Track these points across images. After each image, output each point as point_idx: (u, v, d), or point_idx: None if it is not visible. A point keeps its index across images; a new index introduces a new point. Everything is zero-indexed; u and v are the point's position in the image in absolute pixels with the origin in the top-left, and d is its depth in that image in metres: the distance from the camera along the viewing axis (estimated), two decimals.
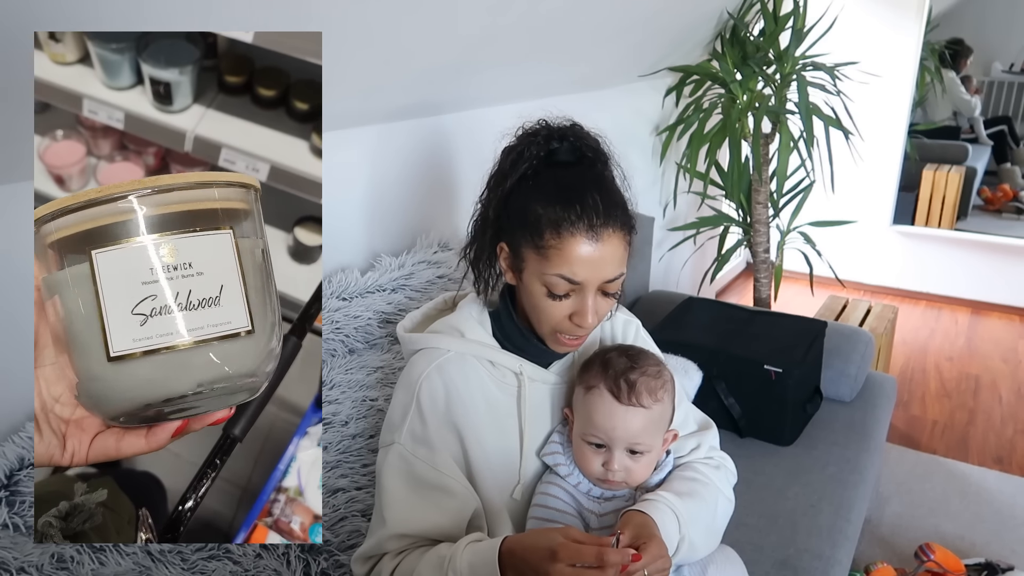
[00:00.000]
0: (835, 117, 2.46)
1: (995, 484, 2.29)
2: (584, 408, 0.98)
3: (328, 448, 1.20)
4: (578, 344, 0.98)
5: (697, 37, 2.49)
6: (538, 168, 0.95)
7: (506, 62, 1.68)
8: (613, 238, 0.91)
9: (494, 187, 0.98)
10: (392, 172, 1.62)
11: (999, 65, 3.46)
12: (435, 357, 0.99)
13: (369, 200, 1.58)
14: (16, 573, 0.84)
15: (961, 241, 3.61)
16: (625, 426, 0.95)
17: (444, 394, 0.98)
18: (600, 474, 0.97)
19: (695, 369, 1.77)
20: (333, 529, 1.13)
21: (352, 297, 1.36)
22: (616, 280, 0.93)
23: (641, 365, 0.98)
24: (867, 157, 3.29)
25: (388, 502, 0.96)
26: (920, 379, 2.99)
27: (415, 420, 0.97)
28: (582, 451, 0.98)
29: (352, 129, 1.50)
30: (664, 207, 2.93)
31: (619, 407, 0.95)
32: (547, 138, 0.96)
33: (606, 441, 0.96)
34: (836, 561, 1.41)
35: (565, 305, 0.93)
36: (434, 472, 0.96)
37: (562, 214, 0.89)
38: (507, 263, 0.98)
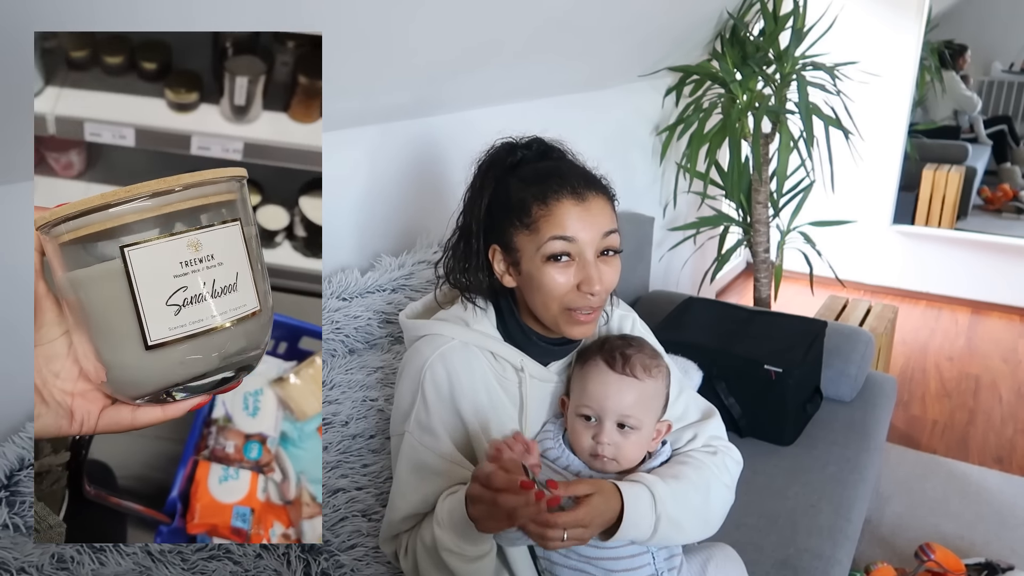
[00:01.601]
0: (835, 117, 2.46)
1: (995, 484, 2.29)
2: (579, 381, 1.01)
3: (328, 448, 1.20)
4: (591, 320, 0.98)
5: (697, 37, 2.49)
6: (511, 169, 1.00)
7: (506, 62, 1.68)
8: (597, 199, 0.96)
9: (472, 199, 1.02)
10: (392, 172, 1.62)
11: (999, 65, 3.46)
12: (439, 344, 1.01)
13: (369, 200, 1.58)
14: (16, 573, 0.84)
15: (961, 241, 3.61)
16: (618, 396, 0.97)
17: (448, 381, 0.99)
18: (591, 449, 0.98)
19: (695, 369, 1.77)
20: (333, 529, 1.13)
21: (352, 297, 1.36)
22: (612, 235, 0.96)
23: (638, 345, 1.02)
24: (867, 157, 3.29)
25: (400, 488, 1.00)
26: (920, 379, 2.99)
27: (420, 409, 0.99)
28: (574, 428, 0.99)
29: (352, 129, 1.50)
30: (664, 207, 2.93)
31: (612, 375, 0.98)
32: (514, 148, 1.02)
33: (597, 411, 0.97)
34: (836, 561, 1.41)
35: (569, 273, 0.94)
36: (438, 459, 0.98)
37: (545, 186, 0.95)
38: (503, 263, 0.99)
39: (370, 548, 1.14)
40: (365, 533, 1.14)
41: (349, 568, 1.10)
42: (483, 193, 1.00)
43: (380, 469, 1.21)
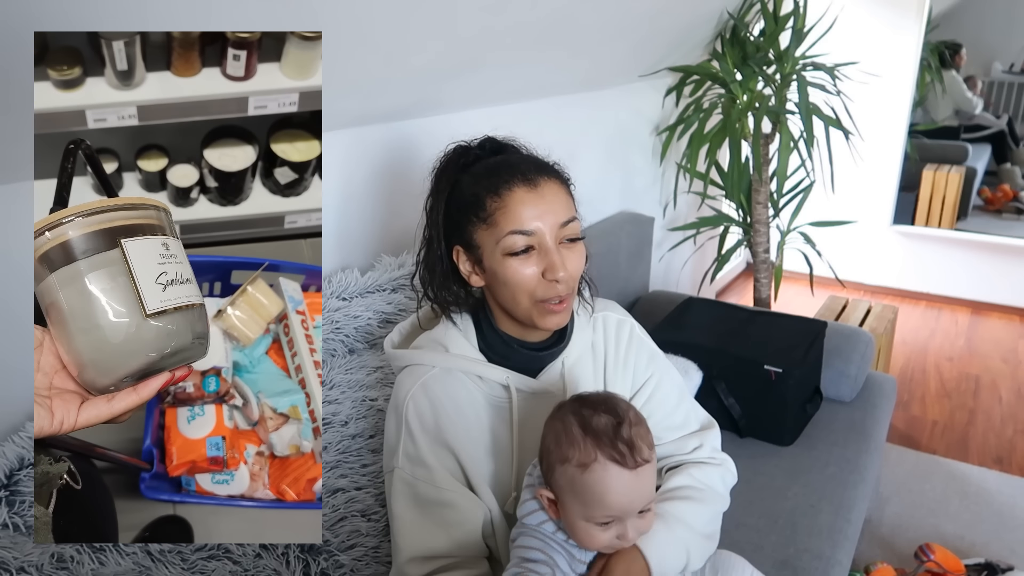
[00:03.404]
0: (835, 117, 2.46)
1: (995, 484, 2.29)
2: (585, 490, 0.83)
3: (328, 448, 1.20)
4: (564, 308, 0.95)
5: (697, 37, 2.49)
6: (465, 168, 0.99)
7: (506, 62, 1.68)
8: (551, 184, 0.94)
9: (432, 205, 1.00)
10: (392, 172, 1.62)
11: (999, 65, 3.46)
12: (420, 374, 0.99)
13: (369, 200, 1.58)
14: (16, 573, 0.84)
15: (961, 241, 3.61)
16: (640, 492, 0.84)
17: (431, 412, 0.97)
18: (611, 546, 0.87)
19: (695, 369, 1.77)
20: (333, 529, 1.13)
21: (352, 297, 1.36)
22: (570, 224, 0.94)
23: (622, 415, 0.85)
24: (867, 157, 3.29)
25: (399, 528, 0.97)
26: (920, 379, 2.99)
27: (407, 442, 0.97)
28: (587, 532, 0.85)
29: (353, 128, 1.50)
30: (664, 207, 2.93)
31: (627, 475, 0.82)
32: (466, 149, 1.01)
33: (620, 516, 0.84)
34: (836, 561, 1.41)
35: (532, 264, 0.93)
36: (435, 490, 0.96)
37: (497, 178, 0.94)
38: (468, 264, 0.98)
39: (369, 548, 1.14)
40: (364, 533, 1.14)
41: (348, 568, 1.10)
42: (440, 197, 0.99)
43: (380, 469, 1.21)
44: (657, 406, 1.08)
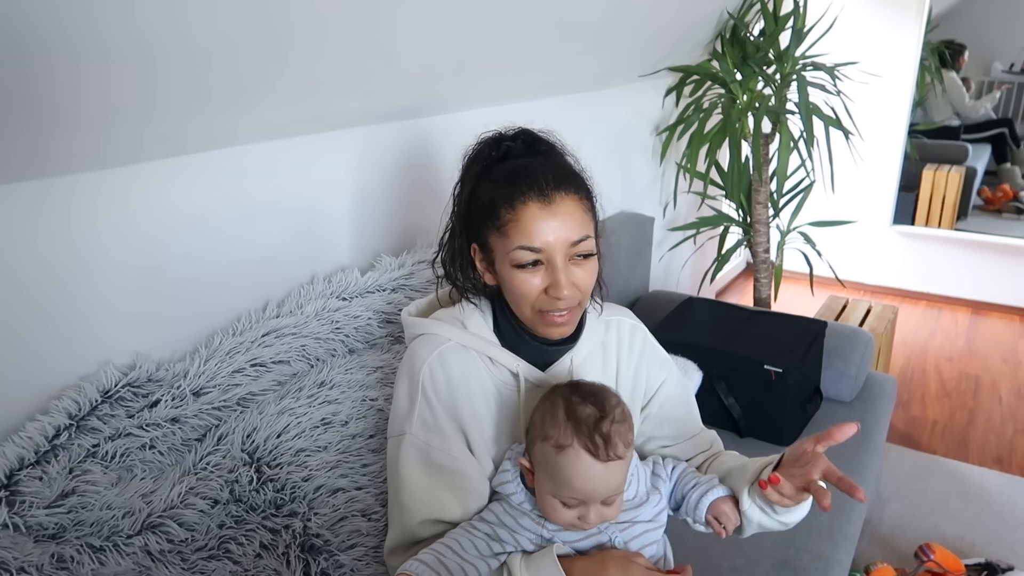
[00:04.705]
0: (835, 117, 2.46)
1: (995, 484, 2.29)
2: (557, 470, 0.89)
3: (328, 448, 1.20)
4: (566, 321, 0.96)
5: (697, 37, 2.49)
6: (491, 165, 0.98)
7: (506, 62, 1.68)
8: (567, 200, 0.92)
9: (458, 194, 1.01)
10: (392, 172, 1.62)
11: (999, 65, 3.46)
12: (437, 344, 1.00)
13: (369, 200, 1.58)
14: (16, 573, 0.84)
15: (961, 241, 3.61)
16: (606, 483, 0.89)
17: (446, 382, 0.99)
18: (574, 525, 0.92)
19: (695, 369, 1.77)
20: (333, 529, 1.13)
21: (352, 297, 1.36)
22: (582, 243, 0.94)
23: (607, 410, 0.90)
24: (867, 157, 3.29)
25: (409, 491, 0.98)
26: (920, 379, 2.99)
27: (424, 408, 0.98)
28: (552, 506, 0.91)
29: (352, 129, 1.50)
30: (664, 207, 2.93)
31: (598, 465, 0.88)
32: (499, 140, 0.99)
33: (583, 499, 0.90)
34: (836, 561, 1.41)
35: (538, 278, 0.93)
36: (449, 458, 0.97)
37: (513, 188, 0.92)
38: (482, 263, 0.99)
39: (370, 548, 1.14)
40: (365, 533, 1.14)
41: (349, 568, 1.10)
42: (466, 186, 0.99)
43: (380, 469, 1.21)
44: (672, 409, 1.11)
